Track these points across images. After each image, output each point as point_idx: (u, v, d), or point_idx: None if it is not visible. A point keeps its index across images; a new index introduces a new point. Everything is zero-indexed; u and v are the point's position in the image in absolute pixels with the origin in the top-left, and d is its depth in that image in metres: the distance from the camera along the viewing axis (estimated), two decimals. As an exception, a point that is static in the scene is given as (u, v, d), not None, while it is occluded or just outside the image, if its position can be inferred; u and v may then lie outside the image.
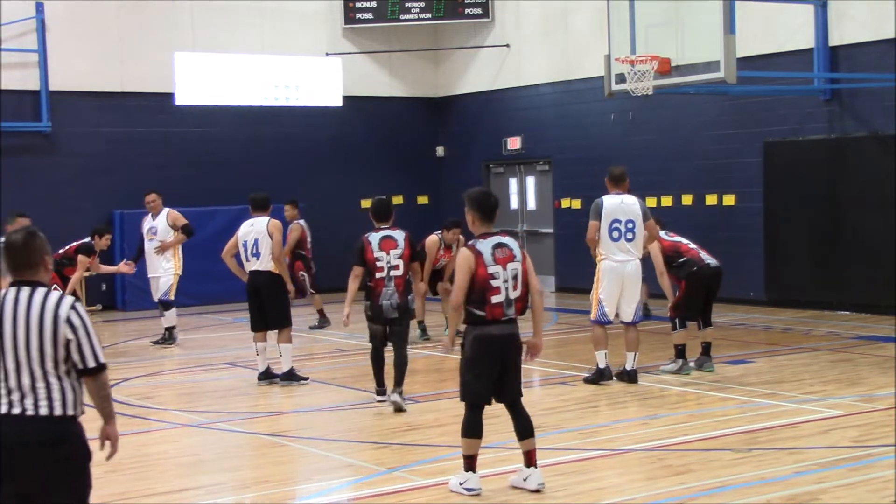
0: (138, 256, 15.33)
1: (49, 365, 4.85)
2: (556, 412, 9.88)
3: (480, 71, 22.06)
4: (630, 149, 18.88)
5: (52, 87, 19.07)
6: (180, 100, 20.17)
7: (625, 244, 10.90)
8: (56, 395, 4.85)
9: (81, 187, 19.30)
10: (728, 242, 16.55)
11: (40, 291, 4.93)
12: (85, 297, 16.74)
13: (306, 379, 11.55)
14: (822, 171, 16.30)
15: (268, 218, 11.68)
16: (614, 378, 10.97)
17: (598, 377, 10.94)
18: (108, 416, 5.10)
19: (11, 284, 4.98)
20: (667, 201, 18.21)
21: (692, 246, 11.57)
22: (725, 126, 17.64)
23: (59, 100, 19.17)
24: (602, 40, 14.67)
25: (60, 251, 14.59)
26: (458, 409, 10.00)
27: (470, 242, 7.12)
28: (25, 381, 4.83)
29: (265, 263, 11.49)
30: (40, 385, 4.83)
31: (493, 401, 7.24)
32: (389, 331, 10.33)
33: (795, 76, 16.54)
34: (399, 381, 10.09)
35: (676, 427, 9.09)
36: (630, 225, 10.90)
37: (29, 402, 4.82)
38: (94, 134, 19.62)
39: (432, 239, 14.58)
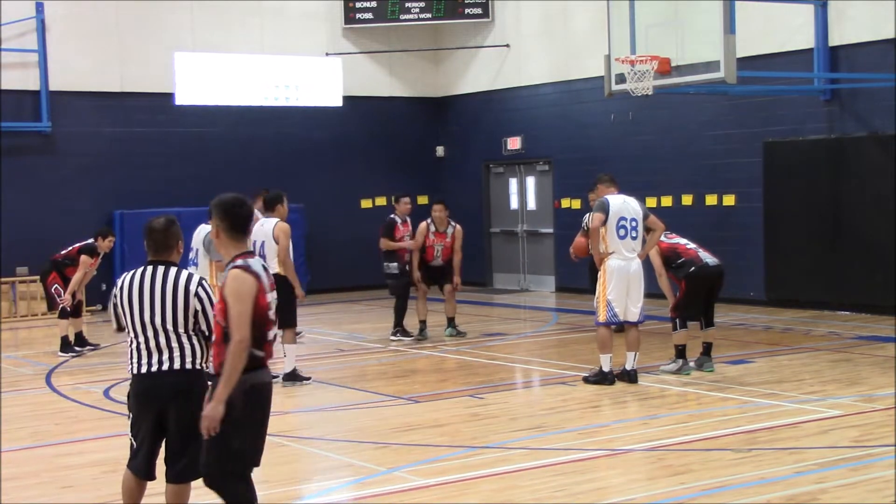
0: None
1: (181, 329, 5.91)
2: (556, 412, 9.89)
3: (480, 71, 22.06)
4: (630, 149, 18.89)
5: (52, 87, 19.07)
6: (180, 100, 20.17)
7: (630, 242, 10.96)
8: (187, 353, 5.91)
9: (81, 187, 19.30)
10: (728, 242, 16.55)
11: (173, 270, 5.99)
12: (85, 298, 16.71)
13: (308, 379, 11.56)
14: (822, 171, 16.30)
15: (276, 221, 11.54)
16: (616, 382, 10.96)
17: (601, 380, 10.92)
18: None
19: (148, 263, 6.04)
20: (667, 201, 18.20)
21: (690, 246, 11.57)
22: (725, 126, 17.64)
23: (59, 100, 19.17)
24: (602, 40, 14.67)
25: (63, 252, 14.61)
26: (458, 408, 10.08)
27: (240, 263, 5.60)
28: (162, 342, 5.90)
29: (270, 265, 11.37)
30: (174, 345, 5.90)
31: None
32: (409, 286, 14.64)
33: (795, 76, 16.54)
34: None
35: (676, 427, 9.09)
36: (634, 223, 10.98)
37: (165, 358, 5.89)
38: (94, 134, 19.62)
39: (422, 225, 14.71)
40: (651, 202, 18.00)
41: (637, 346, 11.07)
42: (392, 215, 14.88)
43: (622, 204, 11.02)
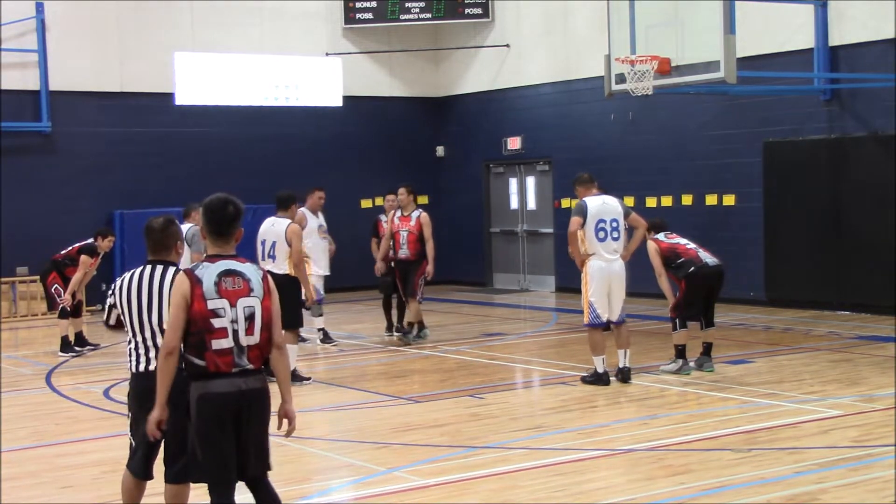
0: None
1: None
2: (556, 412, 9.89)
3: (480, 71, 22.07)
4: (630, 149, 18.89)
5: (52, 87, 19.08)
6: (180, 100, 20.17)
7: (611, 243, 10.93)
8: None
9: (81, 187, 19.31)
10: (728, 242, 16.54)
11: (170, 269, 6.05)
12: (85, 298, 16.70)
13: (308, 379, 11.56)
14: (822, 171, 16.30)
15: (288, 222, 11.46)
16: (613, 380, 10.95)
17: (597, 380, 10.93)
18: None
19: (147, 263, 6.11)
20: (667, 201, 18.21)
21: (690, 246, 11.57)
22: (725, 126, 17.64)
23: (59, 100, 19.17)
24: (602, 40, 14.67)
25: (63, 251, 14.61)
26: (459, 408, 10.08)
27: (190, 266, 5.56)
28: (159, 341, 5.89)
29: (280, 265, 11.36)
30: None
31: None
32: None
33: (795, 76, 16.54)
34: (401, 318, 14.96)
35: (676, 427, 9.09)
36: (614, 224, 10.95)
37: None
38: (94, 134, 19.63)
39: (391, 213, 14.71)
40: (651, 202, 18.03)
41: (627, 343, 11.07)
42: (380, 214, 15.29)
43: (601, 205, 10.96)
